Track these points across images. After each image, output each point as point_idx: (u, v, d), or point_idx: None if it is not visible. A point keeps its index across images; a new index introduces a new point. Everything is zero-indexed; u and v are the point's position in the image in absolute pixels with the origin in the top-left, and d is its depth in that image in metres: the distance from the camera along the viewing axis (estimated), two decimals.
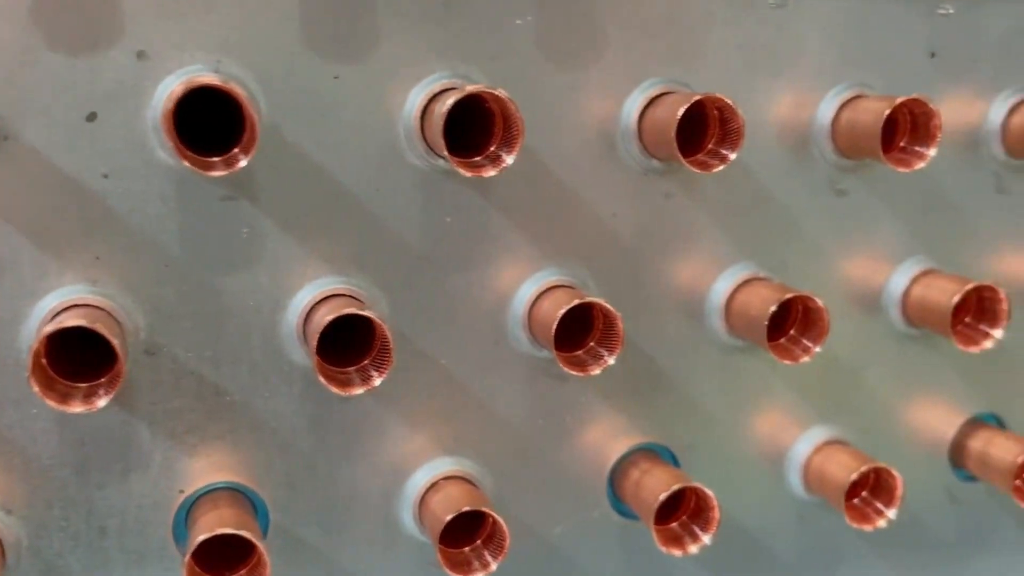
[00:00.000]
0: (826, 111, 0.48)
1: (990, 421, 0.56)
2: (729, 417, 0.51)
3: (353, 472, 0.46)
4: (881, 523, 0.49)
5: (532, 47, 0.44)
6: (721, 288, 0.49)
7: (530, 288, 0.46)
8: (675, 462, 0.50)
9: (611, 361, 0.43)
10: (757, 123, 0.48)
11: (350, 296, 0.43)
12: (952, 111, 0.51)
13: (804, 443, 0.52)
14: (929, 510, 0.56)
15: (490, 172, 0.40)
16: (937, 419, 0.55)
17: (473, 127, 0.41)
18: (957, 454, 0.55)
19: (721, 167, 0.43)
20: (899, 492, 0.49)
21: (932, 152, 0.46)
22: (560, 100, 0.45)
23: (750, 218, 0.49)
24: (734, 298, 0.48)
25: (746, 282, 0.48)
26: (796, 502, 0.53)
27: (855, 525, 0.49)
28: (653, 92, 0.45)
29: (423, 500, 0.46)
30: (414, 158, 0.43)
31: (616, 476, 0.50)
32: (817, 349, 0.46)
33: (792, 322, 0.48)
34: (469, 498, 0.44)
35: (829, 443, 0.52)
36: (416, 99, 0.42)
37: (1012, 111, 0.51)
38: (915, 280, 0.51)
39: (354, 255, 0.43)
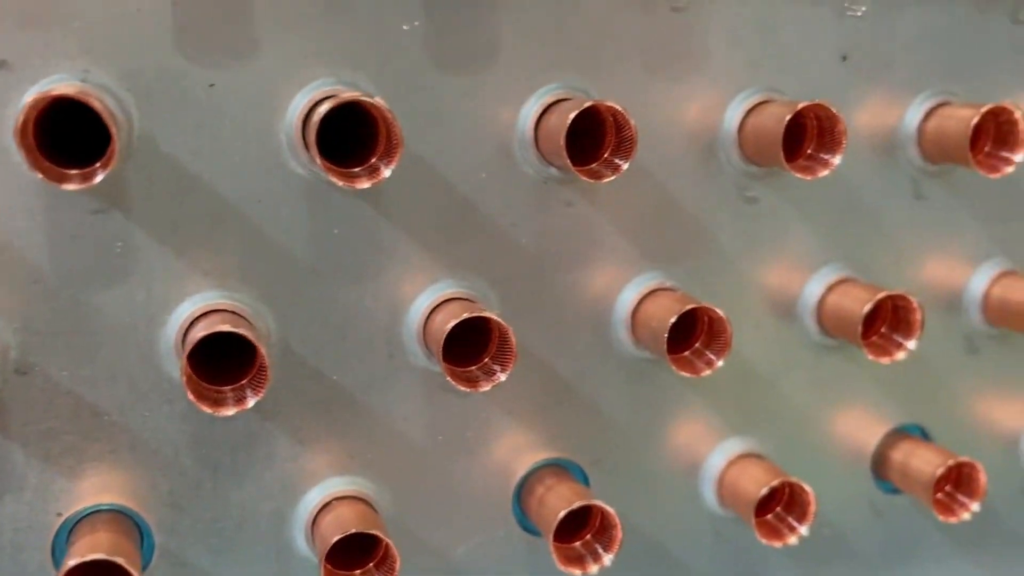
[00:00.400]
0: (732, 117, 0.47)
1: (915, 432, 0.55)
2: (640, 431, 0.50)
3: (242, 492, 0.44)
4: (792, 539, 0.48)
5: (422, 53, 0.43)
6: (627, 298, 0.47)
7: (425, 300, 0.44)
8: (584, 478, 0.49)
9: (503, 377, 0.42)
10: (662, 129, 0.47)
11: (231, 312, 0.41)
12: (867, 115, 0.50)
13: (718, 456, 0.51)
14: (852, 524, 0.55)
15: (365, 184, 0.38)
16: (860, 431, 0.54)
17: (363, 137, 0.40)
18: (880, 466, 0.54)
19: (613, 177, 0.42)
20: (812, 508, 0.48)
21: (837, 160, 0.45)
22: (454, 107, 0.44)
23: (657, 226, 0.48)
24: (640, 309, 0.47)
25: (652, 292, 0.47)
26: (712, 518, 0.52)
27: (765, 541, 0.48)
28: (549, 99, 0.44)
29: (315, 521, 0.44)
30: (298, 167, 0.42)
31: (522, 493, 0.48)
32: (720, 363, 0.45)
33: (698, 334, 0.46)
34: (359, 519, 0.43)
35: (744, 456, 0.51)
36: (298, 106, 0.41)
37: (928, 115, 0.50)
38: (830, 288, 0.50)
39: (236, 268, 0.42)
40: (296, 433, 0.44)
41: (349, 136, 0.40)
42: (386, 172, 0.39)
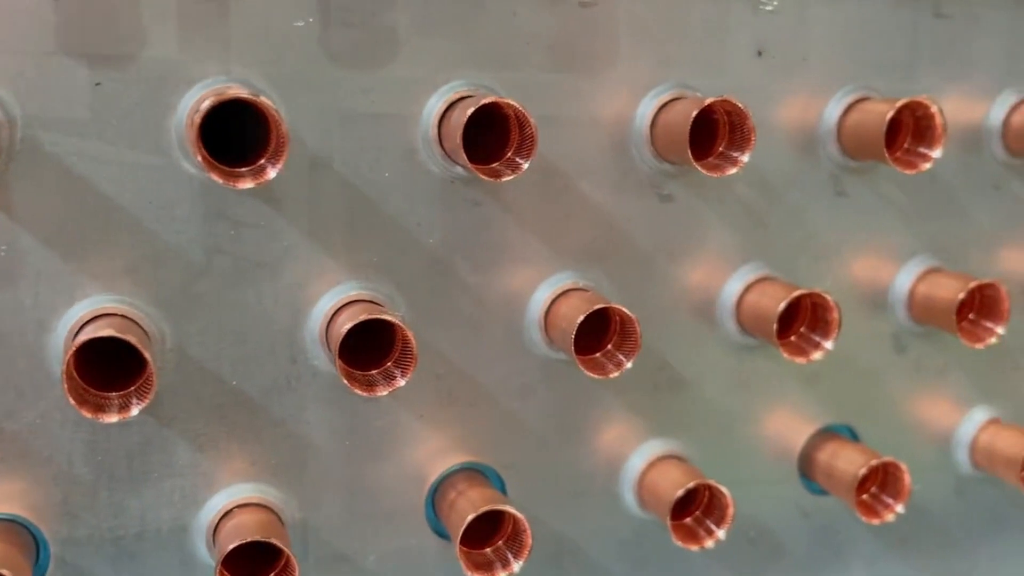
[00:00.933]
0: (643, 114, 0.46)
1: (843, 433, 0.54)
2: (557, 433, 0.49)
3: (140, 501, 0.43)
4: (709, 543, 0.47)
5: (318, 49, 0.42)
6: (540, 298, 0.47)
7: (328, 303, 0.43)
8: (500, 482, 0.48)
9: (402, 382, 0.41)
10: (573, 128, 0.46)
11: (121, 316, 0.40)
12: (786, 111, 0.49)
13: (638, 459, 0.50)
14: (779, 525, 0.54)
15: (248, 184, 0.37)
16: (787, 431, 0.53)
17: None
18: (806, 467, 0.53)
19: (513, 176, 0.41)
20: (730, 511, 0.47)
21: (746, 157, 0.44)
22: (354, 105, 0.43)
23: (570, 226, 0.47)
24: (551, 310, 0.46)
25: (564, 293, 0.46)
26: (633, 520, 0.51)
27: (681, 544, 0.47)
28: (453, 96, 0.43)
29: (216, 529, 0.43)
30: (191, 167, 0.41)
31: (435, 498, 0.47)
32: (628, 364, 0.44)
33: (610, 335, 0.45)
34: (260, 527, 0.42)
35: (664, 459, 0.50)
36: (187, 104, 0.40)
37: (848, 110, 0.49)
38: (749, 288, 0.49)
39: (128, 272, 0.41)
40: (196, 439, 0.43)
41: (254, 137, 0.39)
42: (271, 173, 0.38)
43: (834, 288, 0.51)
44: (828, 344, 0.47)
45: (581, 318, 0.43)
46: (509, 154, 0.42)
